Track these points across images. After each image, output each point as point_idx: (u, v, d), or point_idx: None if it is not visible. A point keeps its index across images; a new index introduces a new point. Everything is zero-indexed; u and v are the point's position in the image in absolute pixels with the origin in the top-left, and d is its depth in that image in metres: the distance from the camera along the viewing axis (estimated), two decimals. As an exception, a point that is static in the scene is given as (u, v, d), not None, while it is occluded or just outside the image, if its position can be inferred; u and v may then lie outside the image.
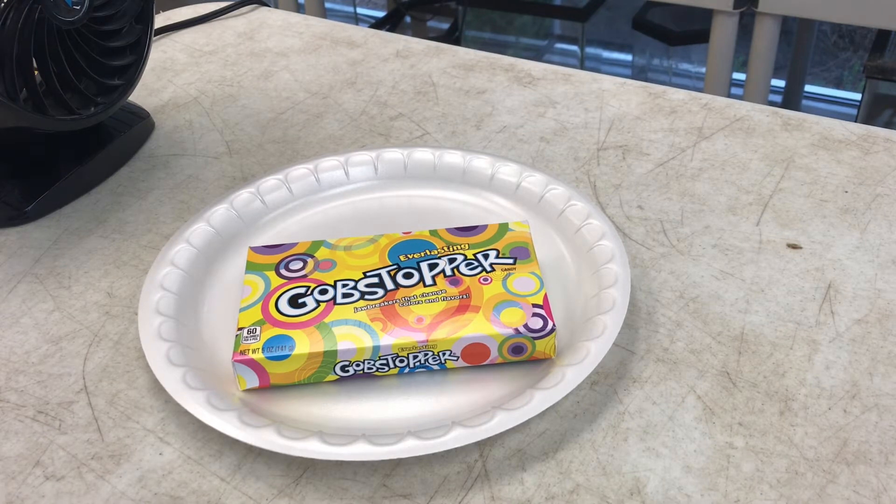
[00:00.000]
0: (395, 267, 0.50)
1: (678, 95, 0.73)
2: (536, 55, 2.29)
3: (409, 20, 2.32)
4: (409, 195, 0.61)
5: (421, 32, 2.32)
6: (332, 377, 0.47)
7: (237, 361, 0.45)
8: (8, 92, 0.54)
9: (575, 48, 2.31)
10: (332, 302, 0.48)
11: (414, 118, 0.71)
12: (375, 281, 0.49)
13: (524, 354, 0.47)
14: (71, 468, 0.44)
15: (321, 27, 0.88)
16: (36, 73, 0.56)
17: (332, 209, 0.60)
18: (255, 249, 0.52)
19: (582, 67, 1.99)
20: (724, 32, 1.42)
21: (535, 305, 0.47)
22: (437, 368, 0.47)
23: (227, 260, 0.56)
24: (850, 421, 0.45)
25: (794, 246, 0.56)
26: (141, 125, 0.69)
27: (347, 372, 0.46)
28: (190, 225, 0.56)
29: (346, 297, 0.48)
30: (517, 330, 0.46)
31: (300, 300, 0.48)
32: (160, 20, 0.90)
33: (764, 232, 0.57)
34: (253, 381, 0.46)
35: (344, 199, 0.61)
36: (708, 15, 1.44)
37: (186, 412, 0.46)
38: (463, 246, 0.51)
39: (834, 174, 0.62)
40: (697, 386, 0.47)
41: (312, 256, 0.51)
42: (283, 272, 0.50)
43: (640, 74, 2.26)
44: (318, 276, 0.50)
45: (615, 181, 0.63)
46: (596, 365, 0.45)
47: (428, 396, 0.46)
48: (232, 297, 0.53)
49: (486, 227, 0.53)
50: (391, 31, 1.81)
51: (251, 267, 0.51)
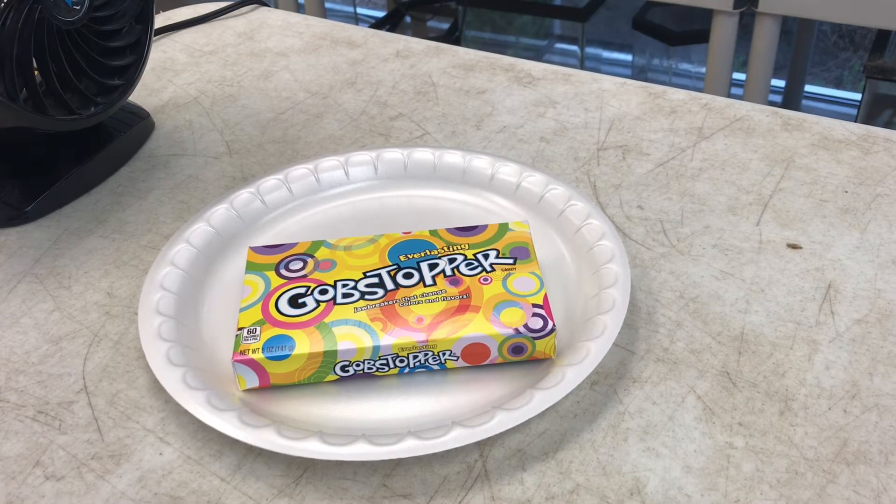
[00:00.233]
0: (395, 267, 0.50)
1: (678, 95, 0.73)
2: (536, 55, 2.29)
3: (409, 20, 2.32)
4: (409, 195, 0.61)
5: (421, 32, 2.32)
6: (332, 377, 0.47)
7: (237, 361, 0.45)
8: (8, 92, 0.54)
9: (575, 48, 2.31)
10: (332, 302, 0.48)
11: (414, 118, 0.71)
12: (375, 281, 0.49)
13: (524, 354, 0.47)
14: (71, 468, 0.44)
15: (321, 27, 0.88)
16: (36, 73, 0.56)
17: (332, 209, 0.60)
18: (255, 249, 0.52)
19: (582, 67, 1.99)
20: (724, 32, 1.42)
21: (535, 305, 0.47)
22: (437, 368, 0.47)
23: (227, 260, 0.56)
24: (850, 421, 0.45)
25: (794, 246, 0.56)
26: (141, 125, 0.69)
27: (347, 372, 0.46)
28: (190, 225, 0.56)
29: (346, 297, 0.48)
30: (517, 330, 0.46)
31: (300, 300, 0.48)
32: (160, 20, 0.90)
33: (764, 232, 0.57)
34: (253, 381, 0.46)
35: (344, 199, 0.61)
36: (708, 15, 1.44)
37: (186, 412, 0.46)
38: (463, 246, 0.51)
39: (834, 174, 0.62)
40: (697, 386, 0.47)
41: (312, 256, 0.51)
42: (283, 272, 0.50)
43: (640, 74, 2.26)
44: (318, 276, 0.50)
45: (615, 181, 0.63)
46: (596, 365, 0.45)
47: (428, 396, 0.46)
48: (232, 297, 0.53)
49: (486, 227, 0.53)
50: (391, 31, 1.81)
51: (251, 267, 0.51)
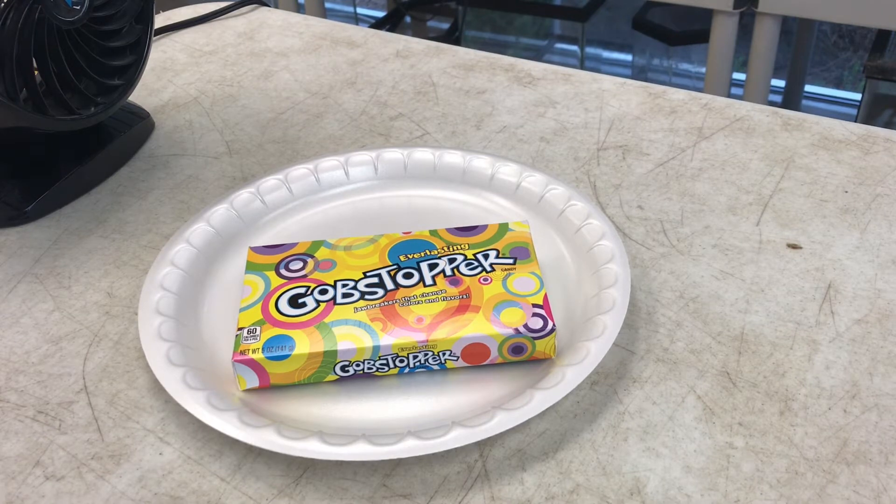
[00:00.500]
0: (395, 267, 0.50)
1: (678, 95, 0.73)
2: (536, 55, 2.29)
3: (409, 20, 2.32)
4: (409, 195, 0.61)
5: (421, 32, 2.32)
6: (332, 377, 0.47)
7: (237, 361, 0.45)
8: (8, 92, 0.54)
9: (575, 48, 2.31)
10: (332, 302, 0.48)
11: (414, 118, 0.71)
12: (375, 281, 0.49)
13: (524, 354, 0.47)
14: (71, 468, 0.44)
15: (321, 27, 0.88)
16: (36, 73, 0.56)
17: (332, 209, 0.60)
18: (255, 249, 0.52)
19: (582, 67, 1.99)
20: (724, 32, 1.42)
21: (535, 305, 0.47)
22: (437, 368, 0.47)
23: (227, 260, 0.56)
24: (850, 421, 0.45)
25: (794, 246, 0.56)
26: (141, 125, 0.69)
27: (347, 372, 0.46)
28: (190, 225, 0.56)
29: (346, 297, 0.48)
30: (517, 330, 0.46)
31: (300, 300, 0.48)
32: (160, 20, 0.90)
33: (764, 232, 0.57)
34: (253, 381, 0.46)
35: (344, 199, 0.61)
36: (708, 15, 1.44)
37: (186, 412, 0.46)
38: (463, 246, 0.51)
39: (834, 174, 0.62)
40: (697, 386, 0.47)
41: (312, 256, 0.51)
42: (283, 272, 0.50)
43: (640, 74, 2.26)
44: (318, 276, 0.50)
45: (615, 181, 0.63)
46: (596, 365, 0.45)
47: (428, 396, 0.46)
48: (232, 297, 0.53)
49: (486, 227, 0.53)
50: (391, 31, 1.81)
51: (251, 267, 0.51)
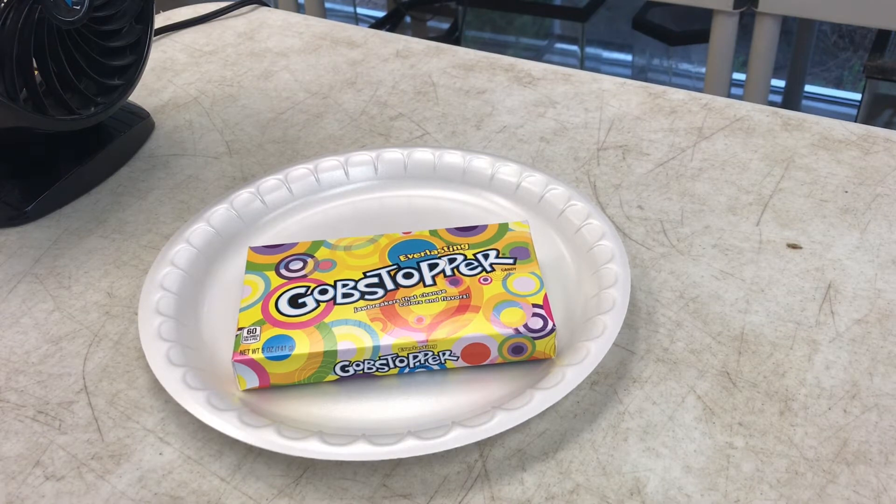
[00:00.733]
0: (395, 267, 0.50)
1: (678, 95, 0.73)
2: (536, 55, 2.29)
3: (409, 20, 2.32)
4: (409, 195, 0.61)
5: (421, 32, 2.32)
6: (332, 377, 0.47)
7: (237, 361, 0.45)
8: (8, 92, 0.54)
9: (575, 48, 2.31)
10: (332, 302, 0.48)
11: (414, 118, 0.71)
12: (375, 281, 0.49)
13: (524, 354, 0.47)
14: (71, 468, 0.44)
15: (321, 27, 0.88)
16: (36, 73, 0.56)
17: (332, 209, 0.60)
18: (255, 249, 0.52)
19: (582, 67, 1.99)
20: (724, 32, 1.42)
21: (535, 305, 0.47)
22: (437, 368, 0.47)
23: (227, 260, 0.56)
24: (850, 421, 0.45)
25: (794, 246, 0.56)
26: (141, 125, 0.69)
27: (347, 372, 0.46)
28: (190, 225, 0.56)
29: (346, 297, 0.48)
30: (517, 330, 0.46)
31: (300, 300, 0.48)
32: (160, 20, 0.90)
33: (764, 232, 0.57)
34: (253, 381, 0.46)
35: (344, 199, 0.61)
36: (708, 15, 1.44)
37: (186, 412, 0.46)
38: (463, 246, 0.51)
39: (834, 174, 0.62)
40: (697, 386, 0.47)
41: (312, 256, 0.51)
42: (283, 272, 0.50)
43: (640, 74, 2.26)
44: (318, 276, 0.50)
45: (615, 181, 0.63)
46: (596, 365, 0.45)
47: (428, 396, 0.46)
48: (232, 297, 0.53)
49: (486, 227, 0.53)
50: (391, 31, 1.81)
51: (251, 267, 0.51)
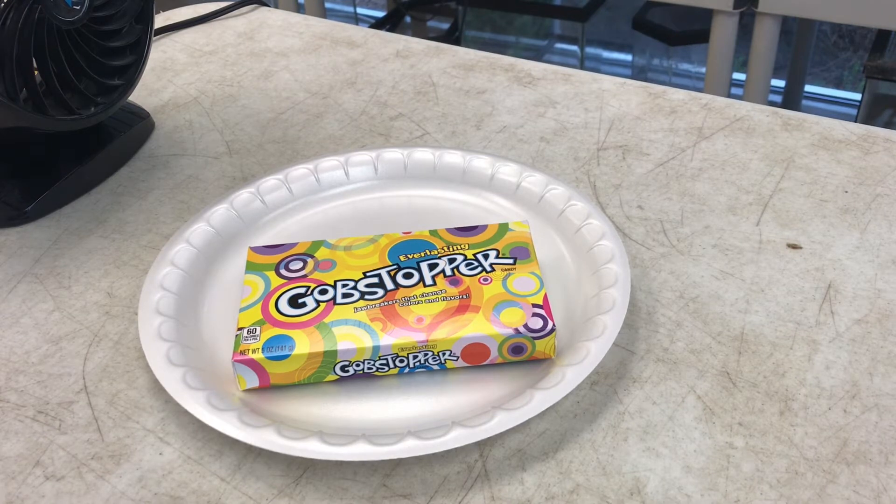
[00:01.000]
0: (395, 267, 0.50)
1: (678, 95, 0.73)
2: (536, 55, 2.29)
3: (409, 20, 2.32)
4: (409, 195, 0.61)
5: (421, 32, 2.32)
6: (332, 377, 0.47)
7: (237, 361, 0.45)
8: (8, 92, 0.54)
9: (575, 48, 2.31)
10: (332, 302, 0.48)
11: (414, 118, 0.71)
12: (375, 281, 0.49)
13: (524, 354, 0.47)
14: (71, 468, 0.44)
15: (321, 27, 0.88)
16: (36, 73, 0.56)
17: (332, 209, 0.60)
18: (255, 249, 0.52)
19: (582, 67, 1.99)
20: (724, 32, 1.42)
21: (535, 305, 0.47)
22: (437, 368, 0.47)
23: (227, 260, 0.56)
24: (850, 421, 0.45)
25: (794, 246, 0.56)
26: (141, 125, 0.69)
27: (347, 372, 0.46)
28: (190, 225, 0.56)
29: (346, 297, 0.48)
30: (517, 330, 0.46)
31: (300, 300, 0.48)
32: (160, 20, 0.90)
33: (764, 232, 0.57)
34: (253, 381, 0.46)
35: (344, 199, 0.61)
36: (708, 15, 1.44)
37: (186, 412, 0.46)
38: (463, 246, 0.51)
39: (834, 174, 0.62)
40: (697, 386, 0.47)
41: (312, 256, 0.51)
42: (283, 272, 0.50)
43: (640, 74, 2.26)
44: (318, 276, 0.50)
45: (615, 181, 0.63)
46: (596, 365, 0.45)
47: (428, 396, 0.46)
48: (232, 297, 0.53)
49: (486, 227, 0.53)
50: (391, 31, 1.81)
51: (251, 267, 0.51)
